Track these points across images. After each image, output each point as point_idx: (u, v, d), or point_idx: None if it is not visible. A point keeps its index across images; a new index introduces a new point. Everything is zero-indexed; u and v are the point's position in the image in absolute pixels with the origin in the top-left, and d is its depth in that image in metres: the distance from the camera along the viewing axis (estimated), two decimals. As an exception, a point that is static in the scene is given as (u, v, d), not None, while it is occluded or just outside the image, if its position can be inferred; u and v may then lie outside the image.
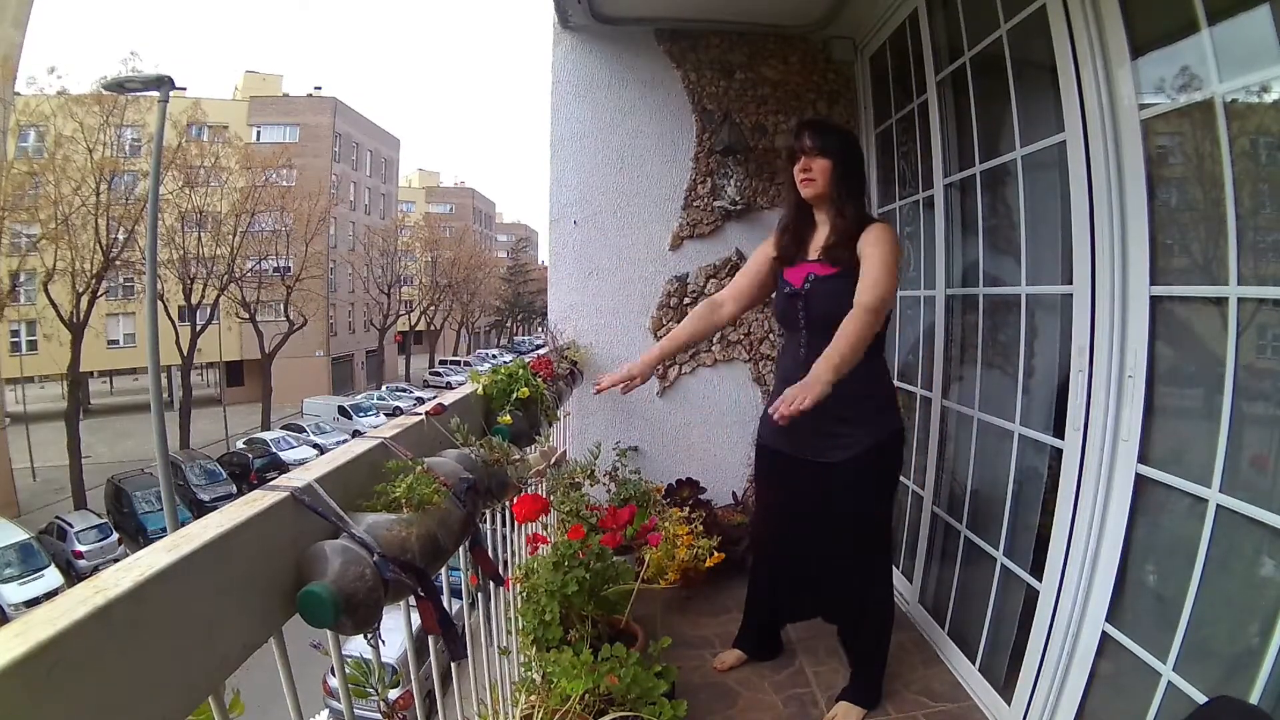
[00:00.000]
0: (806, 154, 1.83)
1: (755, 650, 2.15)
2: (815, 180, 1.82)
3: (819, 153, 1.82)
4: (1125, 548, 1.46)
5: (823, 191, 1.83)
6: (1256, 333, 1.24)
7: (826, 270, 1.83)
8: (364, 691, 1.01)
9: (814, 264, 1.86)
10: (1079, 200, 1.55)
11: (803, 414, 1.46)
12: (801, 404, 1.45)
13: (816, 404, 1.46)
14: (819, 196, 1.85)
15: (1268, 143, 1.24)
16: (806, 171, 1.83)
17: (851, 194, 1.84)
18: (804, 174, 1.84)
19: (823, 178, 1.82)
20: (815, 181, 1.82)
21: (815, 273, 1.85)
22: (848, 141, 1.92)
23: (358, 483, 0.90)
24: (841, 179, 1.82)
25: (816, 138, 1.83)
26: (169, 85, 8.54)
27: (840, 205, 1.83)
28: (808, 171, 1.83)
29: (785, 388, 1.58)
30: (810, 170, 1.82)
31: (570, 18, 2.77)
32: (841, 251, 1.80)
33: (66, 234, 14.96)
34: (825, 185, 1.82)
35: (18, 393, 19.15)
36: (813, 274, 1.85)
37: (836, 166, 1.82)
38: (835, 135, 1.89)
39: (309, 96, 29.20)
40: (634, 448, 2.97)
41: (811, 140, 1.83)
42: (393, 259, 31.50)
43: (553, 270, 3.02)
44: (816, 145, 1.82)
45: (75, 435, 15.22)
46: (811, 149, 1.82)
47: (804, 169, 1.84)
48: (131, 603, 0.53)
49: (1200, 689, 1.23)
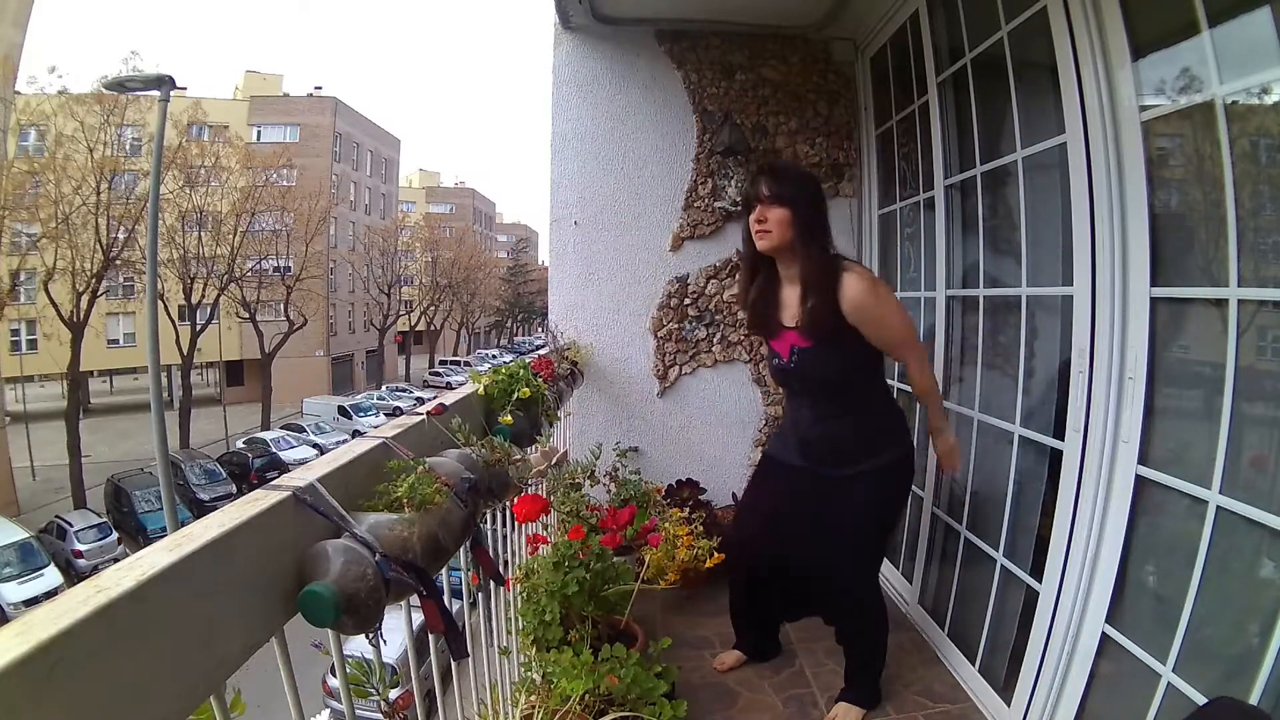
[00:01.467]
0: (763, 202, 1.71)
1: (755, 651, 2.15)
2: (770, 232, 1.70)
3: (774, 201, 1.69)
4: (1125, 549, 1.46)
5: (779, 244, 1.71)
6: (1256, 334, 1.24)
7: (807, 342, 1.74)
8: (364, 691, 1.01)
9: (793, 332, 1.77)
10: (1079, 202, 1.55)
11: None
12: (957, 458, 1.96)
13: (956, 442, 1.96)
14: (776, 249, 1.73)
15: (1268, 144, 1.24)
16: (761, 222, 1.71)
17: (814, 242, 1.71)
18: (759, 224, 1.71)
19: (779, 229, 1.69)
20: (770, 233, 1.70)
21: (797, 345, 1.77)
22: (806, 186, 1.76)
23: (359, 482, 0.90)
24: (801, 228, 1.69)
25: (773, 184, 1.71)
26: (169, 85, 8.54)
27: (805, 256, 1.70)
28: (763, 222, 1.71)
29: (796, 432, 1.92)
30: (765, 221, 1.70)
31: (571, 18, 2.77)
32: (819, 319, 1.69)
33: (66, 233, 14.96)
34: (782, 237, 1.70)
35: (18, 392, 19.15)
36: (795, 346, 1.78)
37: (795, 216, 1.69)
38: (793, 181, 1.75)
39: (309, 96, 29.21)
40: (634, 448, 2.98)
41: (768, 187, 1.70)
42: (393, 259, 31.51)
43: (553, 270, 3.02)
44: (773, 192, 1.70)
45: (75, 434, 15.21)
46: (768, 197, 1.70)
47: (759, 219, 1.71)
48: (132, 602, 0.53)
49: (1200, 690, 1.23)
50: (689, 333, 2.98)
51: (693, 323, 2.98)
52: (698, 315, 2.98)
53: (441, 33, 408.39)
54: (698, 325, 2.99)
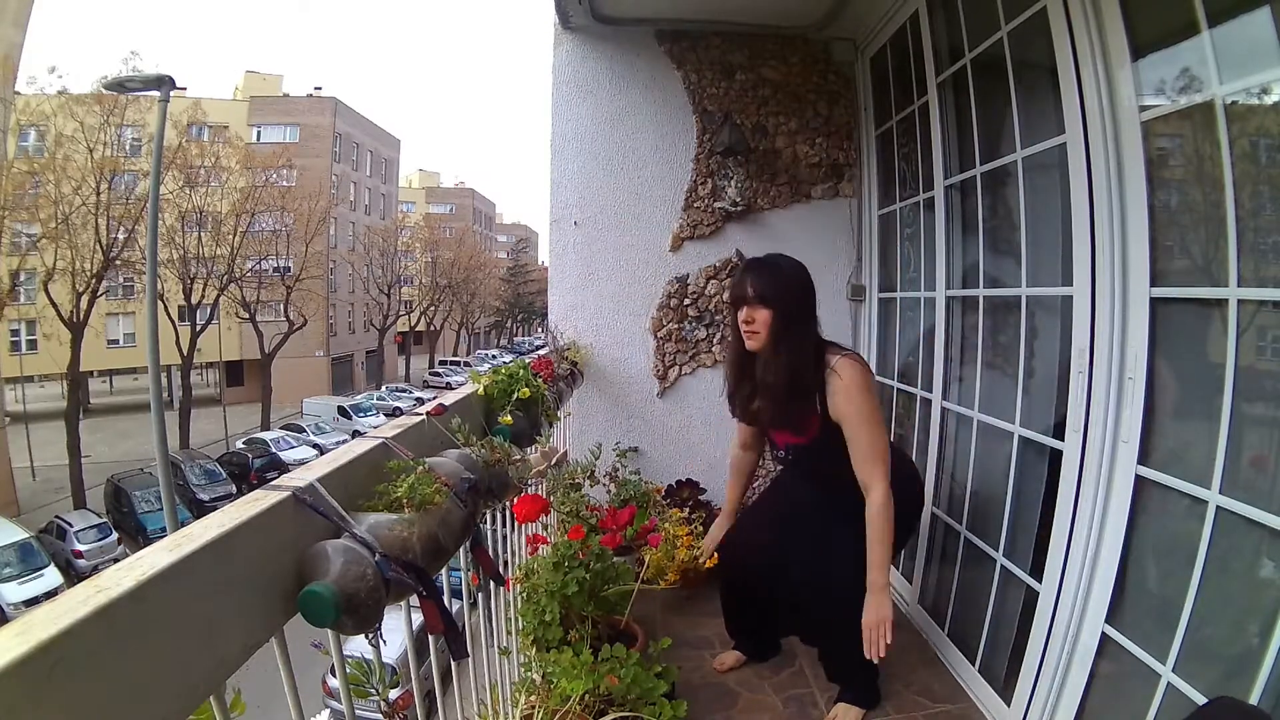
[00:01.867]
0: (749, 304, 1.72)
1: (754, 651, 2.15)
2: (759, 333, 1.71)
3: (760, 303, 1.70)
4: (1125, 549, 1.46)
5: (767, 344, 1.72)
6: (1256, 334, 1.24)
7: (800, 439, 1.79)
8: (364, 691, 1.01)
9: (785, 431, 1.83)
10: (1079, 202, 1.55)
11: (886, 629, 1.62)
12: (887, 635, 1.62)
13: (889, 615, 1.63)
14: (764, 348, 1.74)
15: (1268, 144, 1.24)
16: (749, 323, 1.72)
17: (801, 340, 1.71)
18: (747, 325, 1.73)
19: (765, 330, 1.71)
20: (758, 334, 1.72)
21: (790, 441, 1.84)
22: (792, 283, 1.74)
23: (359, 483, 0.90)
24: (784, 327, 1.70)
25: (758, 284, 1.71)
26: (169, 85, 8.53)
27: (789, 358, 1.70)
28: (750, 323, 1.72)
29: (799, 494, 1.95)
30: (753, 322, 1.71)
31: (571, 18, 2.77)
32: (802, 426, 1.75)
33: (66, 233, 14.95)
34: (768, 339, 1.72)
35: (18, 392, 19.14)
36: (789, 443, 1.85)
37: (778, 316, 1.69)
38: (779, 280, 1.73)
39: (309, 97, 29.19)
40: (634, 448, 2.98)
41: (754, 289, 1.71)
42: (393, 259, 31.50)
43: (553, 271, 3.02)
44: (758, 294, 1.70)
45: (75, 435, 15.21)
46: (754, 298, 1.71)
47: (746, 320, 1.73)
48: (132, 602, 0.53)
49: (1200, 689, 1.23)
50: (689, 333, 2.99)
51: (692, 323, 2.99)
52: (697, 315, 2.98)
53: (441, 33, 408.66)
54: (697, 325, 2.99)
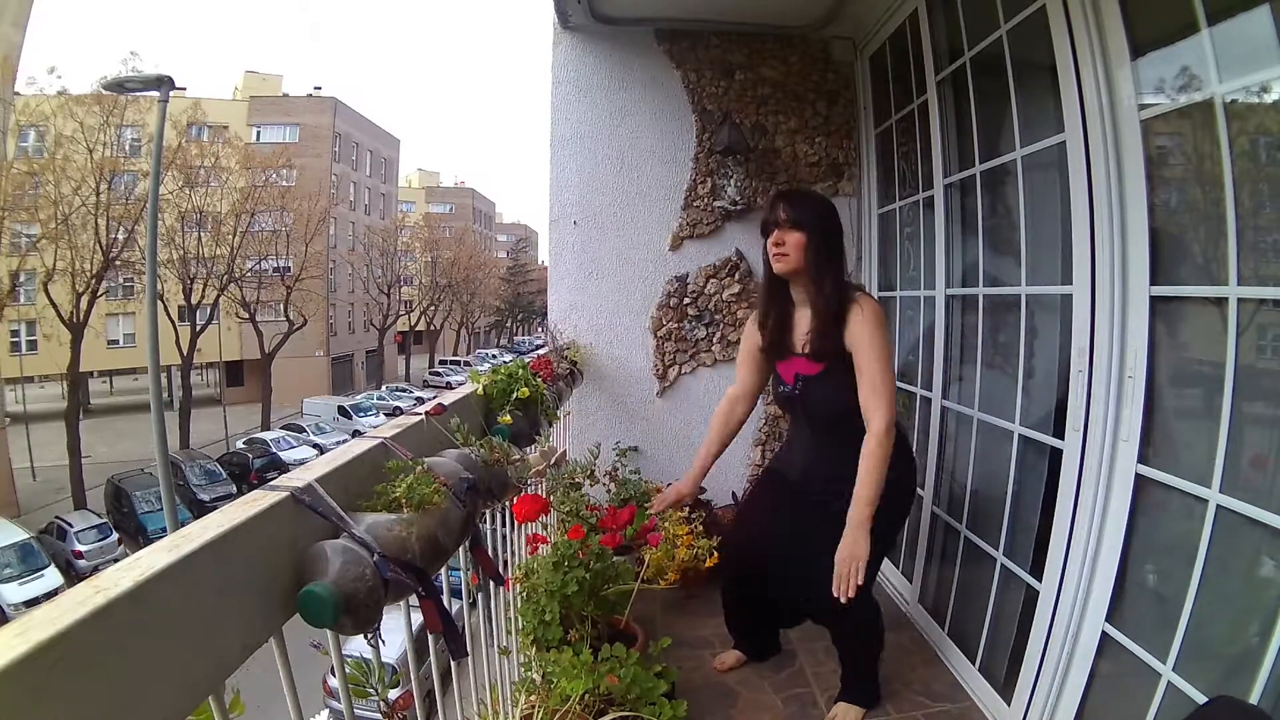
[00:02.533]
0: (780, 227, 1.75)
1: (754, 651, 2.15)
2: (788, 255, 1.74)
3: (792, 225, 1.74)
4: (1125, 548, 1.46)
5: (796, 267, 1.75)
6: (1256, 333, 1.24)
7: (813, 368, 1.78)
8: (364, 691, 1.01)
9: (800, 359, 1.81)
10: (1079, 200, 1.55)
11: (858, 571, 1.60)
12: (859, 575, 1.59)
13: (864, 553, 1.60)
14: (793, 272, 1.77)
15: (1268, 143, 1.24)
16: (779, 245, 1.75)
17: (829, 267, 1.74)
18: (776, 248, 1.76)
19: (796, 252, 1.73)
20: (788, 256, 1.74)
21: (802, 372, 1.81)
22: (824, 212, 1.79)
23: (358, 483, 0.90)
24: (817, 253, 1.73)
25: (790, 209, 1.75)
26: (169, 85, 8.53)
27: (818, 281, 1.73)
28: (780, 245, 1.75)
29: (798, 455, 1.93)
30: (783, 245, 1.75)
31: (570, 18, 2.77)
32: (824, 345, 1.74)
33: (66, 234, 14.96)
34: (799, 260, 1.74)
35: (18, 393, 19.14)
36: (800, 374, 1.81)
37: (811, 239, 1.73)
38: (810, 207, 1.78)
39: (309, 97, 29.17)
40: (634, 448, 2.98)
41: (785, 212, 1.75)
42: (392, 259, 31.50)
43: (553, 270, 3.02)
44: (790, 217, 1.74)
45: (75, 435, 15.21)
46: (785, 221, 1.74)
47: (776, 242, 1.76)
48: (132, 603, 0.53)
49: (1200, 689, 1.23)
50: (688, 332, 2.99)
51: (692, 322, 2.99)
52: (697, 315, 2.98)
53: (441, 33, 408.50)
54: (697, 325, 2.99)
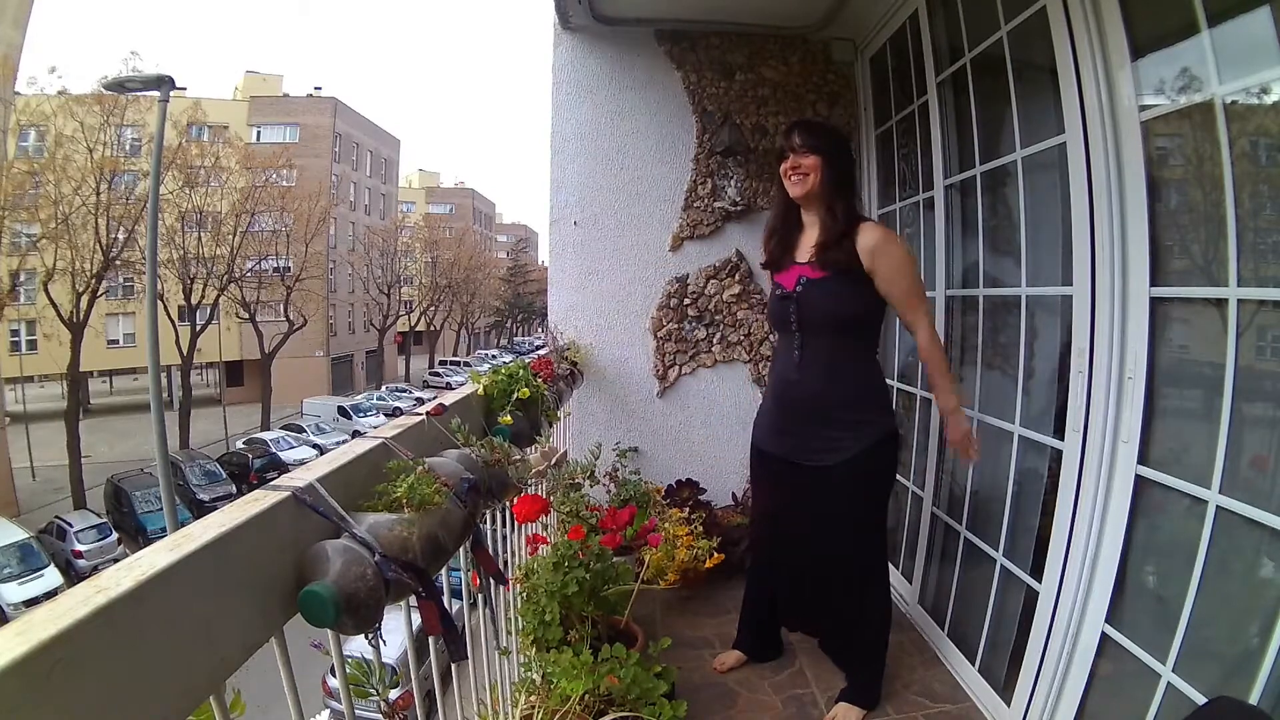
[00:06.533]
0: (796, 151, 1.81)
1: (755, 651, 2.15)
2: (806, 177, 1.80)
3: (808, 150, 1.80)
4: (1125, 549, 1.46)
5: (812, 189, 1.81)
6: (1256, 334, 1.24)
7: (817, 273, 1.81)
8: (364, 691, 1.01)
9: (804, 266, 1.85)
10: (1079, 201, 1.55)
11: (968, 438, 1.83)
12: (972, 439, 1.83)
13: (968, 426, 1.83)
14: (808, 195, 1.82)
15: (1268, 144, 1.24)
16: (796, 169, 1.82)
17: (841, 193, 1.81)
18: (793, 171, 1.83)
19: (813, 174, 1.80)
20: (806, 178, 1.80)
21: (806, 275, 1.84)
22: (838, 141, 1.88)
23: (359, 483, 0.90)
24: (831, 177, 1.80)
25: (806, 135, 1.82)
26: (169, 85, 8.53)
27: (830, 203, 1.80)
28: (797, 169, 1.81)
29: (782, 387, 1.90)
30: (800, 167, 1.81)
31: (571, 18, 2.77)
32: (832, 253, 1.78)
33: (66, 234, 14.94)
34: (814, 183, 1.80)
35: (18, 392, 19.13)
36: (803, 276, 1.84)
37: (826, 164, 1.80)
38: (826, 134, 1.87)
39: (309, 97, 29.18)
40: (634, 448, 2.98)
41: (801, 138, 1.81)
42: (392, 259, 31.48)
43: (553, 271, 3.02)
44: (806, 143, 1.80)
45: (75, 435, 15.20)
46: (801, 146, 1.81)
47: (793, 166, 1.82)
48: (132, 603, 0.53)
49: (1200, 689, 1.23)
50: (689, 333, 2.99)
51: (692, 323, 2.98)
52: (697, 315, 2.98)
53: (441, 33, 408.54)
54: (697, 325, 2.99)
